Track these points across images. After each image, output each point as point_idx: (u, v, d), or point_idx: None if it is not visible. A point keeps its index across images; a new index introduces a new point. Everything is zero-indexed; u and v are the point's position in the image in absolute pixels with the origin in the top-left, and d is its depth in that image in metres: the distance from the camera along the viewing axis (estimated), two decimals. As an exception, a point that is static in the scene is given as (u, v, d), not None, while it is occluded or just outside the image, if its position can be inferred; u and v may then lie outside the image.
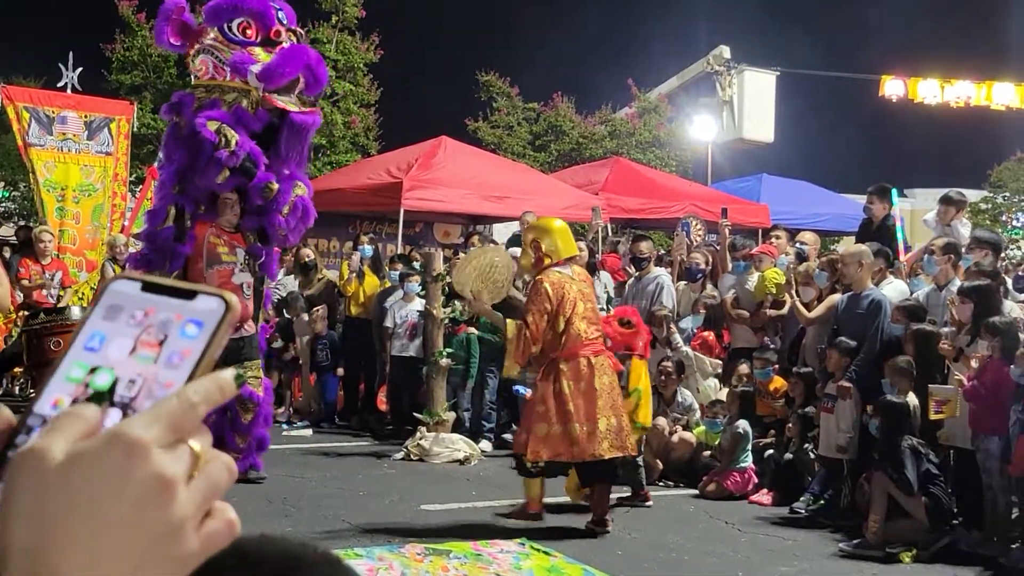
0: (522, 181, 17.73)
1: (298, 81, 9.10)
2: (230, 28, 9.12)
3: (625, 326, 9.29)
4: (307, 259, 14.54)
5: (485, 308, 9.11)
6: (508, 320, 8.82)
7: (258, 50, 9.13)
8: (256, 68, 8.99)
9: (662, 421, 10.40)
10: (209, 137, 8.79)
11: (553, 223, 8.82)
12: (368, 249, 14.38)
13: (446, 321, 11.89)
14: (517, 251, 9.86)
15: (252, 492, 9.06)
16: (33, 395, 0.81)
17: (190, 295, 0.83)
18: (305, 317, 13.94)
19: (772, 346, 11.14)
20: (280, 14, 9.26)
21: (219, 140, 8.81)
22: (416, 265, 13.33)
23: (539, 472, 8.44)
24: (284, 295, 14.30)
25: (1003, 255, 12.73)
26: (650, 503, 9.40)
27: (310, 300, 14.08)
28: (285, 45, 9.23)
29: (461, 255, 9.99)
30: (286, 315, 14.24)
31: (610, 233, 17.29)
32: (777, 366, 10.67)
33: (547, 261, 8.45)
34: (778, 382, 10.55)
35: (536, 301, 8.29)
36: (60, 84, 17.48)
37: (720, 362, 11.53)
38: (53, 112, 15.94)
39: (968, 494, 8.40)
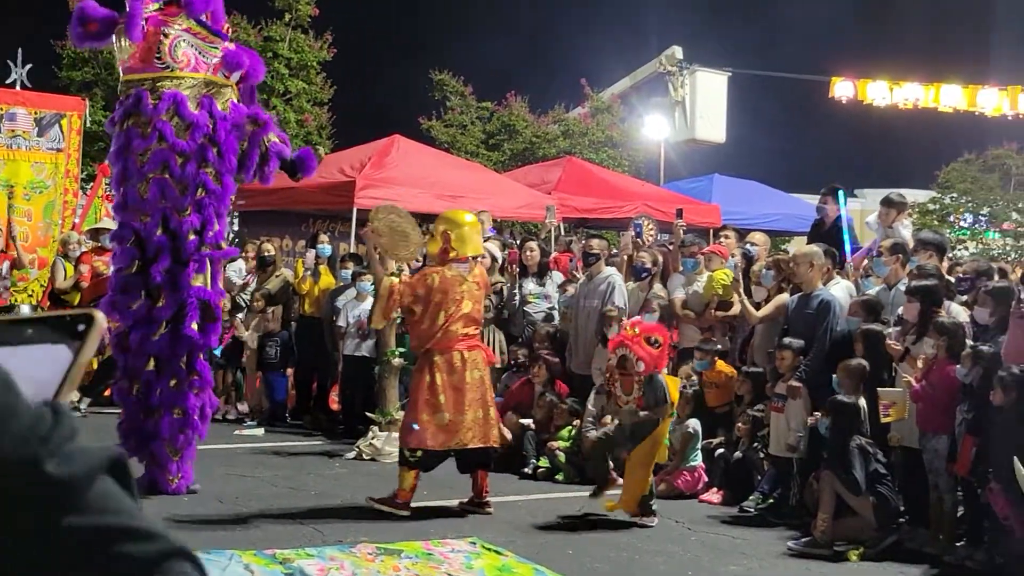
0: (475, 180, 17.72)
1: None
2: (203, 17, 8.95)
3: (653, 345, 9.07)
4: (267, 253, 14.30)
5: (374, 256, 9.17)
6: (384, 277, 8.90)
7: (231, 45, 9.03)
8: (244, 66, 8.95)
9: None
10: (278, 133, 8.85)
11: (464, 218, 9.11)
12: (327, 248, 14.33)
13: (398, 320, 11.86)
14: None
15: (203, 492, 9.02)
16: None
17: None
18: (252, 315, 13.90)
19: (719, 346, 11.18)
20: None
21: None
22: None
23: (416, 462, 8.71)
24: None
25: (949, 255, 12.84)
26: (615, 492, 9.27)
27: (267, 296, 13.94)
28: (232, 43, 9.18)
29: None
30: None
31: (562, 232, 17.30)
32: (718, 359, 10.73)
33: (451, 255, 8.81)
34: (721, 365, 10.62)
35: (419, 281, 8.75)
36: (9, 81, 17.31)
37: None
38: (2, 109, 15.78)
39: (915, 493, 8.51)
